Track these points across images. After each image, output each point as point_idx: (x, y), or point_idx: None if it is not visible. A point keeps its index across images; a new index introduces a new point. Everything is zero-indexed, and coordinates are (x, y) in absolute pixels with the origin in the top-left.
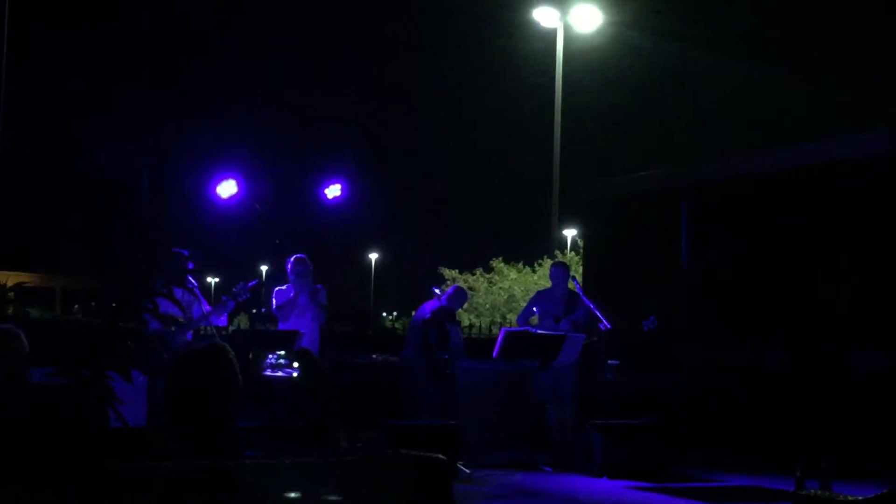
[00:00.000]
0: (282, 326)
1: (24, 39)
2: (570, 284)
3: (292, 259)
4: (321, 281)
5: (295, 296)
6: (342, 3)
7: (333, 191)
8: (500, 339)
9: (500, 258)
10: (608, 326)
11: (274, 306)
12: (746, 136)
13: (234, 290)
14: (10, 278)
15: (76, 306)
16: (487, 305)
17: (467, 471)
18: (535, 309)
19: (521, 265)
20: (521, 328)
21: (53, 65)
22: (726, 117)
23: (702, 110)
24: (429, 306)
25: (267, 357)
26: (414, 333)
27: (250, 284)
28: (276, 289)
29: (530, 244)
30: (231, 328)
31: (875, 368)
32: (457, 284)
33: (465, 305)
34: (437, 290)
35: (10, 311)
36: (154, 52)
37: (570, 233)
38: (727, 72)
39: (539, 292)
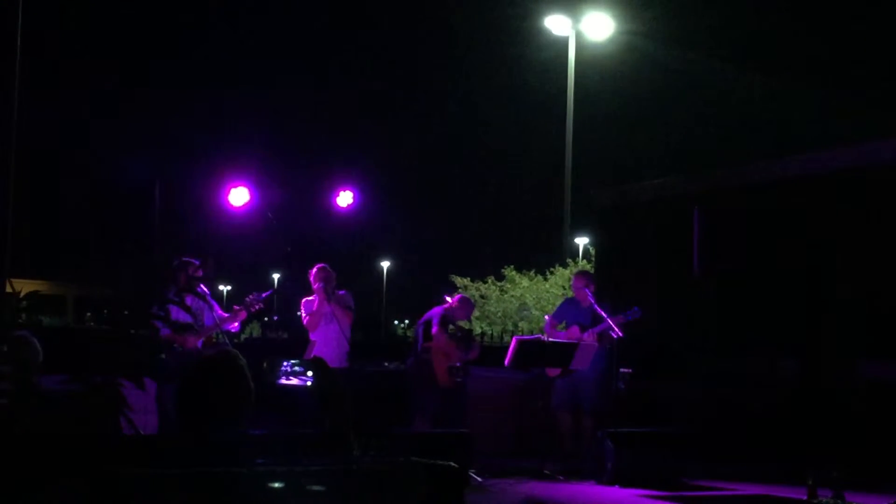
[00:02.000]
0: (312, 336)
1: (35, 49)
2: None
3: (314, 269)
4: (342, 288)
5: (320, 305)
6: (353, 12)
7: (345, 199)
8: (511, 347)
9: (512, 266)
10: (620, 335)
11: (303, 318)
12: (760, 143)
13: (246, 299)
14: (24, 286)
15: (88, 314)
16: (499, 314)
17: (479, 479)
18: (547, 317)
19: (532, 273)
20: (534, 336)
21: (65, 75)
22: (739, 125)
23: (714, 118)
24: (430, 313)
25: (281, 365)
26: (416, 340)
27: (263, 295)
28: (304, 300)
29: (542, 252)
30: (243, 336)
31: (887, 378)
32: (462, 294)
33: (477, 313)
34: (449, 298)
35: (23, 318)
36: (166, 60)
37: (581, 241)
38: (740, 79)
39: (567, 300)
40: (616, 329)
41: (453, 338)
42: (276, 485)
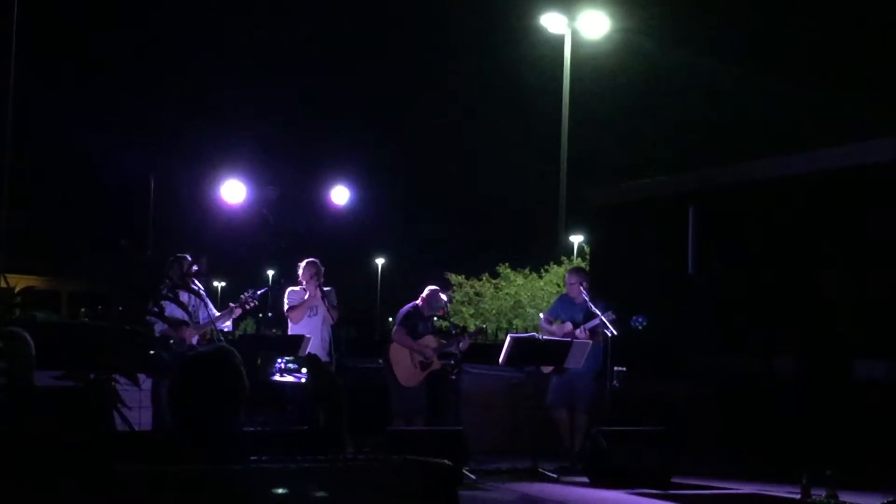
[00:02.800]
0: (292, 329)
1: (31, 45)
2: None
3: (303, 263)
4: (328, 285)
5: (308, 298)
6: (350, 10)
7: (340, 195)
8: (506, 345)
9: (507, 264)
10: (614, 333)
11: (286, 307)
12: (755, 141)
13: (241, 297)
14: (19, 282)
15: (82, 310)
16: (494, 311)
17: (473, 476)
18: (542, 315)
19: (527, 271)
20: (528, 334)
21: (61, 71)
22: (735, 123)
23: (710, 116)
24: (403, 309)
25: (275, 362)
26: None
27: (259, 293)
28: (290, 289)
29: (537, 250)
30: (238, 333)
31: (881, 377)
32: (431, 287)
33: (472, 311)
34: (443, 295)
35: (17, 314)
36: (162, 57)
37: (576, 239)
38: (735, 78)
39: (561, 296)
40: (609, 325)
41: (447, 334)
42: (270, 482)
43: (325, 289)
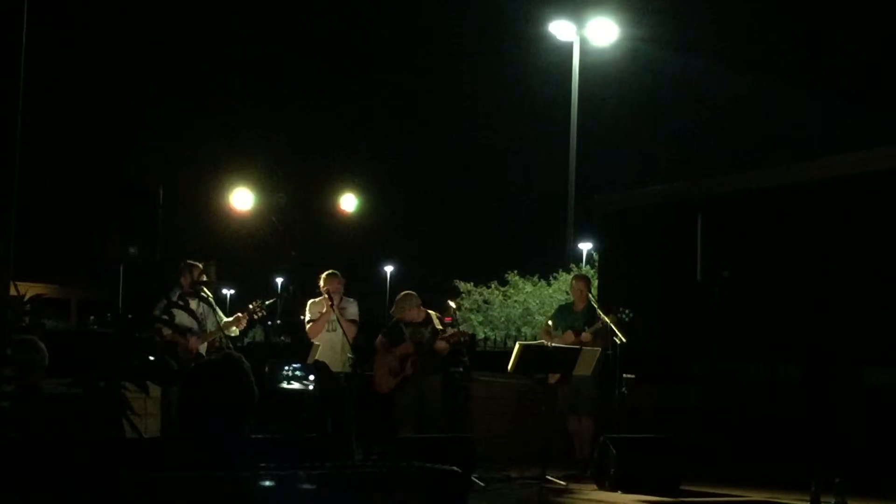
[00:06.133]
0: (314, 341)
1: (38, 48)
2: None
3: (324, 274)
4: (350, 296)
5: (326, 311)
6: (359, 16)
7: (349, 203)
8: (515, 352)
9: (515, 271)
10: (623, 340)
11: (307, 320)
12: (764, 148)
13: (250, 306)
14: (29, 290)
15: (92, 317)
16: (503, 319)
17: (482, 483)
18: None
19: (536, 278)
20: (538, 342)
21: (69, 77)
22: (743, 130)
23: (718, 123)
24: None
25: (283, 369)
26: None
27: (267, 302)
28: (311, 301)
29: (546, 257)
30: (246, 340)
31: (890, 384)
32: (404, 292)
33: (480, 318)
34: (452, 304)
35: (27, 322)
36: (169, 61)
37: (585, 246)
38: (742, 85)
39: (560, 307)
40: (615, 329)
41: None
42: (278, 489)
43: (349, 299)
